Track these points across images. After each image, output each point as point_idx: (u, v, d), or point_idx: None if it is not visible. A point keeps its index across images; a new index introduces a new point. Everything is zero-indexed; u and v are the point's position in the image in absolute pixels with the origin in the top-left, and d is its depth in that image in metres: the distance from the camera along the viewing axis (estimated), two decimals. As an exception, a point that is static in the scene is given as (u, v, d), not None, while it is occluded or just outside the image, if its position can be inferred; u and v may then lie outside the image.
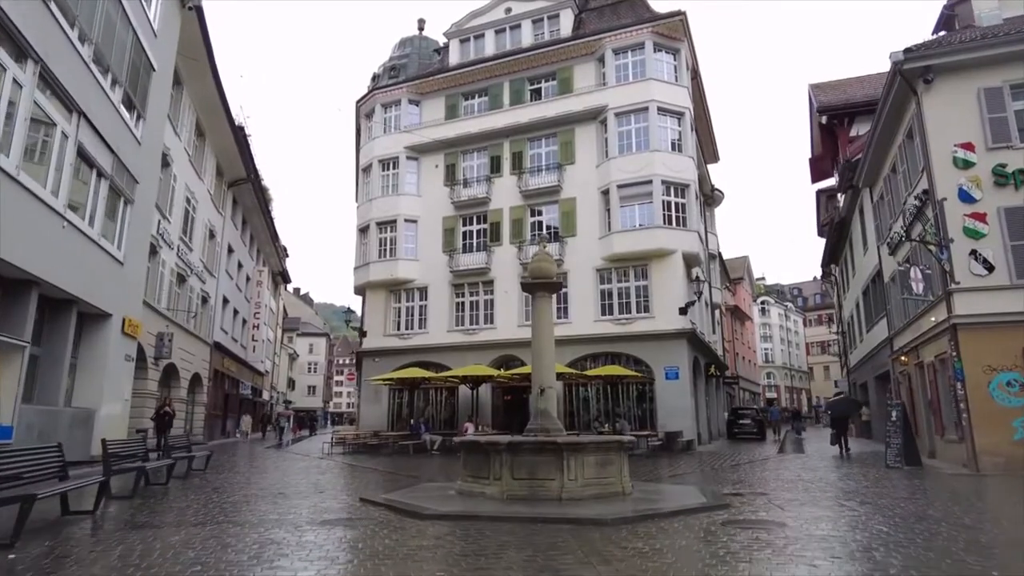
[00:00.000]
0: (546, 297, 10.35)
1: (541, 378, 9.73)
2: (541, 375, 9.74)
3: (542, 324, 10.10)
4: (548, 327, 10.12)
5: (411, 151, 28.69)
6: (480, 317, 26.45)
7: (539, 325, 10.13)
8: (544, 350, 9.88)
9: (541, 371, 9.77)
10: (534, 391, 9.84)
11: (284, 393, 70.43)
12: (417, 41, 32.08)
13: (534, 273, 10.37)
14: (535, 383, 9.82)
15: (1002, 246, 13.18)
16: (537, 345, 9.98)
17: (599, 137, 25.80)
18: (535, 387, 9.80)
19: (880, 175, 19.28)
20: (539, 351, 9.90)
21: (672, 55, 25.83)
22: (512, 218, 26.49)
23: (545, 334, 10.02)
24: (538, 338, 10.01)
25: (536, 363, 9.93)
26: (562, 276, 25.00)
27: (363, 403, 28.08)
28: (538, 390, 9.64)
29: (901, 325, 18.55)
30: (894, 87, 14.84)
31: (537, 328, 10.15)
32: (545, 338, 9.97)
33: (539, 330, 10.09)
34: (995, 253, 13.17)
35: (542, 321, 10.12)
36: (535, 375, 9.89)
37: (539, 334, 10.05)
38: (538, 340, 9.99)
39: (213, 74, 22.46)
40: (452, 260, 26.87)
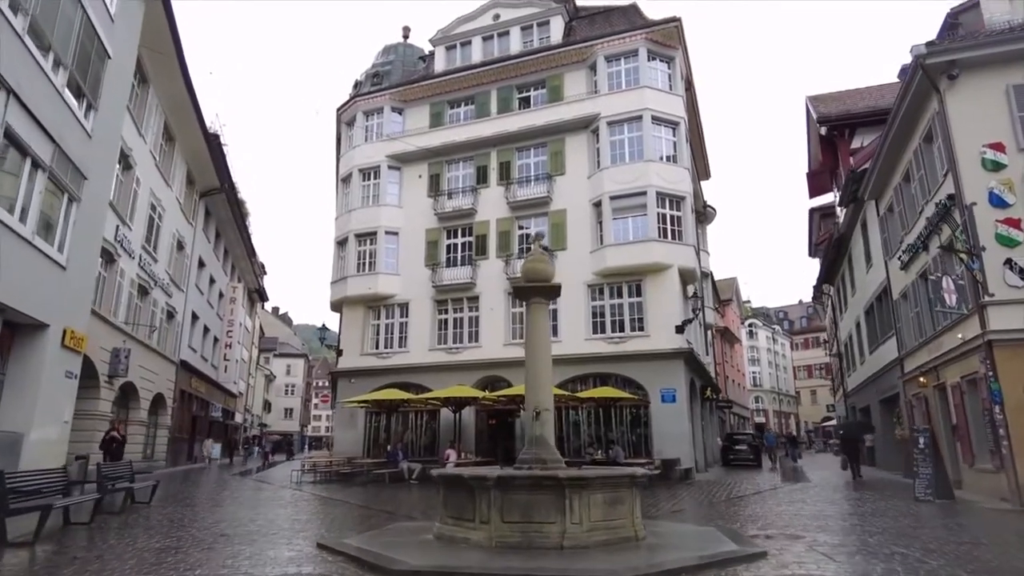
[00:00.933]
0: (542, 305, 8.94)
1: (536, 399, 8.25)
2: (536, 396, 8.26)
3: (537, 337, 8.66)
4: (544, 340, 8.69)
5: (393, 160, 27.34)
6: (464, 335, 24.92)
7: (534, 338, 8.69)
8: (539, 367, 8.43)
9: (536, 391, 8.30)
10: (527, 414, 8.36)
11: (259, 416, 67.93)
12: (401, 48, 30.95)
13: (528, 275, 8.97)
14: (529, 405, 8.34)
15: (1039, 254, 12.03)
16: (531, 361, 8.52)
17: (591, 147, 24.64)
18: (528, 409, 8.33)
19: (889, 185, 18.23)
20: (534, 368, 8.44)
21: (666, 63, 24.87)
22: (499, 230, 25.13)
23: (541, 348, 8.58)
24: (532, 353, 8.56)
25: (530, 382, 8.47)
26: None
27: (337, 427, 26.28)
28: (532, 413, 8.15)
29: (915, 344, 17.34)
30: (913, 84, 13.79)
31: (531, 341, 8.70)
32: (541, 353, 8.53)
33: (534, 344, 8.65)
34: (1031, 262, 12.02)
35: (537, 333, 8.68)
36: (529, 396, 8.42)
37: (534, 348, 8.60)
38: (532, 355, 8.54)
39: (182, 72, 21.01)
40: (435, 274, 25.40)
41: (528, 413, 8.28)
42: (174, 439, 27.55)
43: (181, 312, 27.40)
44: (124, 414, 22.00)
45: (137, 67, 19.69)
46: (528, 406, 8.32)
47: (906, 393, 18.39)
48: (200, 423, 33.44)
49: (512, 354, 23.46)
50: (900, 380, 18.87)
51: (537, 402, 8.15)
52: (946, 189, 13.58)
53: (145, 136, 20.84)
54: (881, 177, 18.46)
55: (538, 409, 8.07)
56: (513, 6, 28.02)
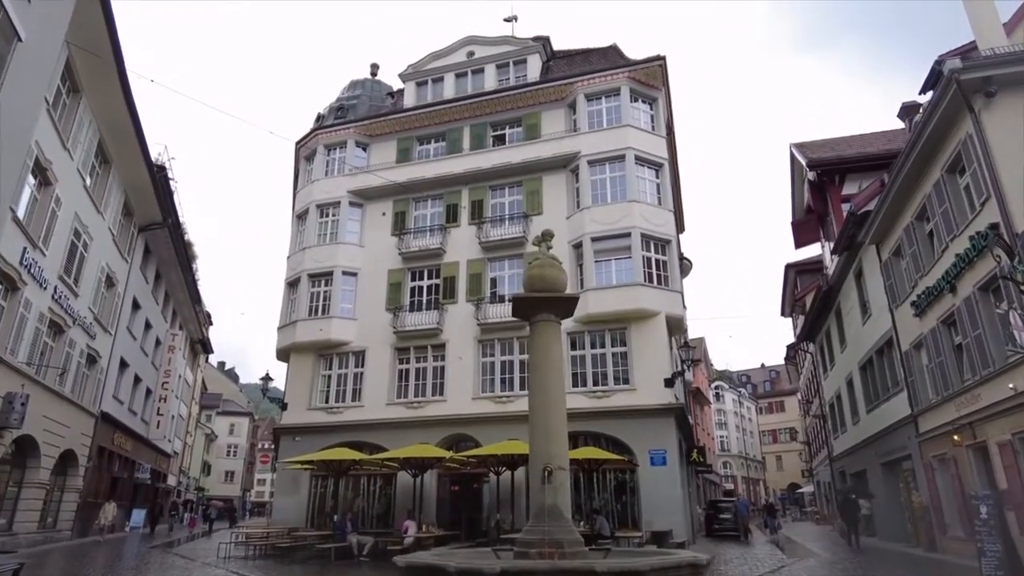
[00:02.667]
0: (552, 324, 6.80)
1: (545, 453, 5.97)
2: (546, 448, 5.99)
3: (547, 368, 6.47)
4: (555, 372, 6.51)
5: (355, 196, 25.24)
6: (427, 388, 22.33)
7: (542, 369, 6.49)
8: (550, 409, 6.21)
9: (546, 441, 6.03)
10: (534, 474, 6.01)
11: (197, 479, 62.33)
12: (369, 84, 29.41)
13: (534, 283, 6.83)
14: (535, 462, 6.04)
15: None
16: (539, 401, 6.28)
17: (570, 186, 23.07)
18: (535, 467, 6.00)
19: (897, 226, 16.93)
20: (543, 410, 6.20)
21: (649, 105, 23.80)
22: (469, 272, 23.02)
23: (551, 383, 6.38)
24: (541, 390, 6.33)
25: (537, 429, 6.20)
26: (527, 340, 21.46)
27: (278, 492, 22.99)
28: (541, 473, 5.82)
29: (935, 399, 15.61)
30: (942, 105, 12.56)
31: (539, 374, 6.49)
32: (551, 390, 6.32)
33: (542, 377, 6.43)
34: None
35: (547, 362, 6.50)
36: (535, 448, 6.12)
37: (542, 384, 6.38)
38: (541, 393, 6.31)
39: (122, 84, 18.72)
40: (397, 319, 22.95)
41: (535, 472, 5.94)
42: (86, 504, 23.66)
43: (106, 357, 24.09)
44: (18, 474, 18.49)
45: (67, 72, 17.46)
46: (534, 463, 6.01)
47: (923, 455, 16.54)
48: (122, 486, 29.35)
49: (482, 409, 20.99)
50: (914, 440, 17.05)
51: (547, 457, 5.86)
52: (985, 219, 12.14)
53: (72, 151, 18.29)
54: (887, 219, 17.18)
55: (549, 467, 5.78)
56: (488, 44, 26.92)
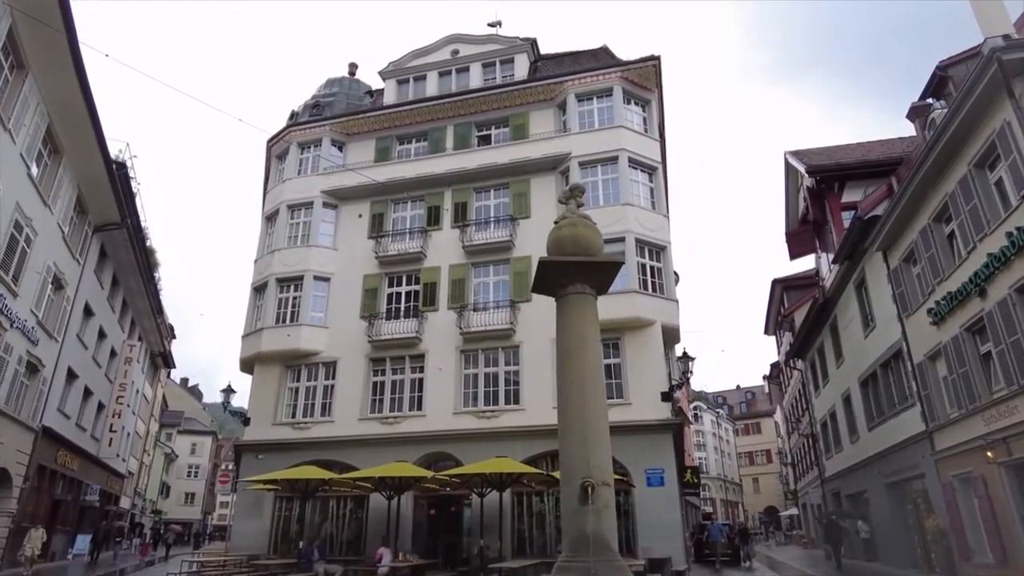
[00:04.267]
0: (587, 298, 5.39)
1: (583, 463, 4.56)
2: (585, 457, 4.58)
3: (583, 352, 5.10)
4: (594, 358, 5.11)
5: (329, 196, 23.68)
6: (404, 401, 20.67)
7: (576, 354, 5.10)
8: (588, 405, 4.83)
9: (584, 447, 4.64)
10: (568, 489, 4.54)
11: (154, 501, 58.99)
12: (347, 82, 28.00)
13: (565, 246, 5.49)
14: (569, 474, 4.60)
15: None
16: (575, 394, 4.88)
17: (559, 189, 21.71)
18: (567, 482, 4.55)
19: (911, 230, 15.97)
20: (579, 407, 4.81)
21: (642, 107, 22.82)
22: (452, 278, 21.53)
23: (589, 372, 5.00)
24: (576, 381, 4.93)
25: (571, 434, 4.80)
26: (513, 350, 20.05)
27: (238, 515, 20.93)
28: (580, 490, 4.36)
29: (958, 413, 14.52)
30: (978, 89, 11.58)
31: (573, 361, 5.09)
32: (590, 381, 4.96)
33: (576, 364, 5.03)
34: None
35: (584, 346, 5.14)
36: (570, 458, 4.70)
37: (577, 373, 4.97)
38: (576, 384, 4.91)
39: (74, 59, 16.94)
40: (372, 327, 21.31)
41: (568, 489, 4.47)
42: (20, 530, 21.30)
43: (51, 366, 21.95)
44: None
45: (10, 44, 15.75)
46: (568, 477, 4.57)
47: (941, 474, 15.40)
48: (66, 509, 26.89)
49: (463, 425, 19.40)
50: (929, 459, 15.92)
51: (587, 469, 4.44)
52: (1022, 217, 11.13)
53: (13, 132, 16.47)
54: (899, 223, 16.23)
55: (589, 482, 4.36)
56: (474, 42, 25.79)
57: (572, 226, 5.59)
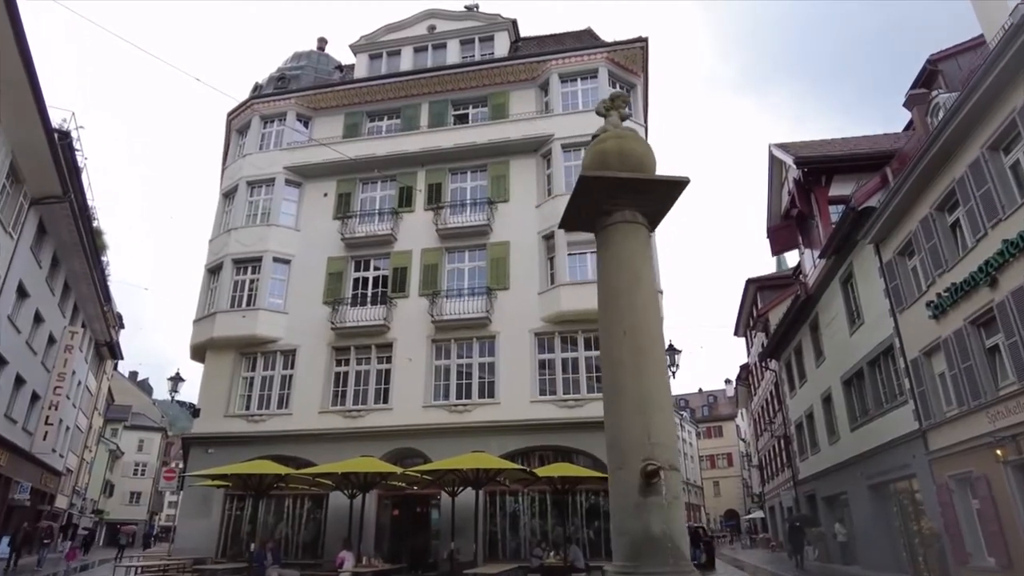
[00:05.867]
0: (640, 229, 4.29)
1: (644, 438, 3.35)
2: (644, 428, 3.39)
3: (639, 296, 3.98)
4: (652, 303, 3.89)
5: (293, 173, 22.09)
6: (369, 394, 19.25)
7: (629, 298, 4.05)
8: (646, 361, 3.68)
9: (643, 417, 3.43)
10: (625, 475, 3.34)
11: (95, 500, 55.83)
12: (315, 56, 26.39)
13: (610, 161, 4.32)
14: (621, 454, 3.44)
15: None
16: (629, 349, 3.70)
17: (540, 172, 20.74)
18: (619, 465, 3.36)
19: (910, 220, 15.31)
20: (633, 364, 3.72)
21: (627, 91, 21.77)
22: (424, 263, 20.20)
23: (646, 320, 3.82)
24: (630, 330, 3.85)
25: (622, 397, 3.66)
26: (489, 340, 18.85)
27: (183, 514, 19.18)
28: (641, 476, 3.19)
29: (957, 411, 13.87)
30: (999, 65, 10.83)
31: (625, 306, 4.01)
32: (645, 329, 3.78)
33: (630, 312, 3.90)
34: None
35: (639, 288, 4.00)
36: (623, 431, 3.54)
37: (631, 320, 3.91)
38: (630, 336, 3.83)
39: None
40: (336, 314, 19.83)
41: (623, 475, 3.29)
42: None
43: (-27, 350, 19.85)
44: None
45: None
46: (619, 458, 3.39)
47: (935, 475, 14.76)
48: (-9, 509, 24.61)
49: (433, 420, 18.11)
50: (922, 458, 15.27)
51: (648, 447, 3.24)
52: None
53: (-70, 81, 14.55)
54: (897, 212, 15.55)
55: (653, 464, 3.18)
56: (452, 18, 24.52)
57: (619, 138, 4.43)
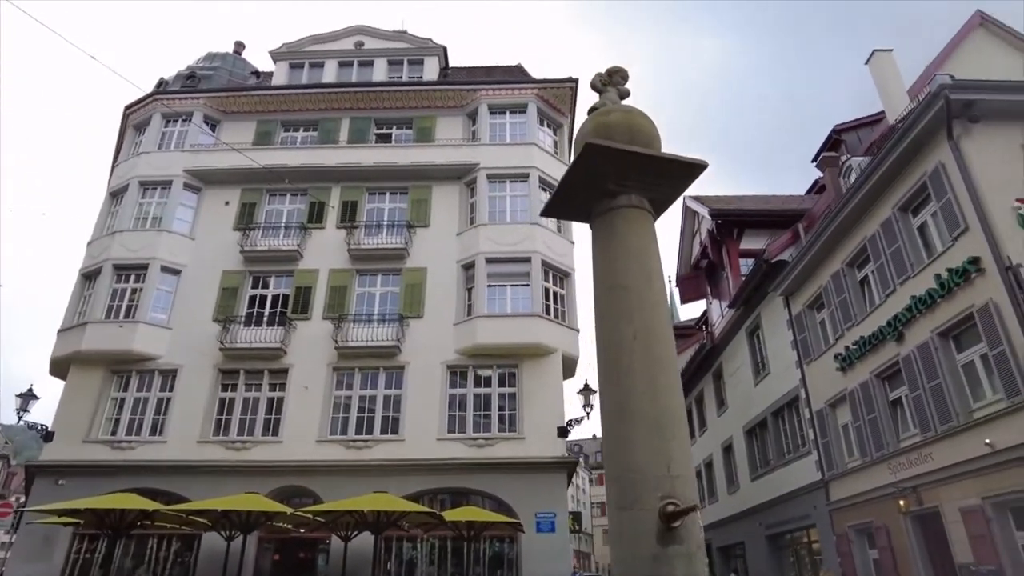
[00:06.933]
0: (647, 217, 3.58)
1: (665, 469, 2.61)
2: (665, 456, 2.68)
3: (651, 295, 3.24)
4: (664, 304, 3.20)
5: (193, 177, 20.27)
6: (257, 424, 17.43)
7: (639, 297, 3.28)
8: (661, 377, 2.90)
9: (663, 443, 2.71)
10: (626, 517, 2.58)
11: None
12: (231, 59, 24.77)
13: (616, 134, 3.57)
14: (634, 488, 2.66)
15: (1100, 338, 9.45)
16: (642, 358, 2.97)
17: (463, 200, 20.15)
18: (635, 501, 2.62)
19: (820, 274, 15.91)
20: (648, 376, 2.92)
21: (553, 130, 21.92)
22: (331, 284, 18.86)
23: (660, 324, 3.10)
24: (643, 334, 3.07)
25: (637, 420, 2.89)
26: (397, 371, 17.72)
27: (15, 557, 16.22)
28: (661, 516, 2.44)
29: (860, 462, 14.22)
30: (919, 125, 11.45)
31: (635, 306, 3.24)
32: (661, 338, 3.09)
33: (640, 312, 3.18)
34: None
35: (652, 286, 3.27)
36: (636, 459, 2.77)
37: (643, 322, 3.17)
38: (642, 341, 3.05)
39: None
40: (227, 333, 18.00)
41: (634, 514, 2.51)
42: None
43: None
44: None
45: None
46: (632, 493, 2.59)
47: (836, 525, 15.01)
48: None
49: (328, 456, 16.63)
50: (823, 509, 15.54)
51: (668, 481, 2.52)
52: (957, 255, 10.99)
53: None
54: (809, 266, 16.16)
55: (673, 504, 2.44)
56: (382, 37, 23.87)
57: (626, 112, 3.76)
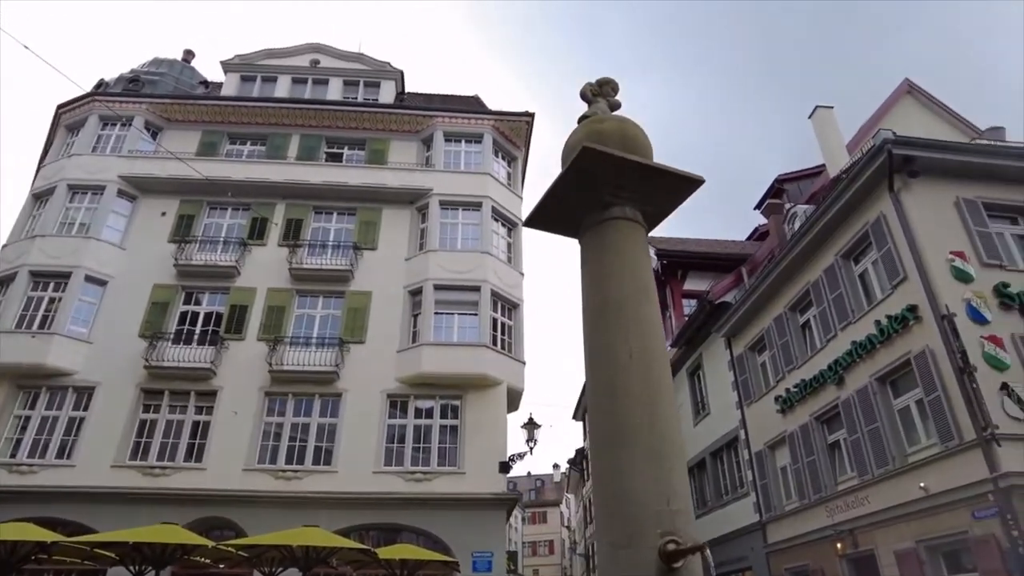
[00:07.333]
0: (640, 231, 3.39)
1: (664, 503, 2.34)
2: (665, 488, 2.42)
3: (647, 311, 3.07)
4: (658, 322, 2.98)
5: (128, 184, 19.24)
6: (180, 449, 16.26)
7: (635, 312, 3.05)
8: (661, 400, 2.71)
9: (662, 473, 2.47)
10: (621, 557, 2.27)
11: None
12: (179, 66, 23.91)
13: (609, 141, 3.34)
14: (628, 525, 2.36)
15: (1023, 382, 9.87)
16: (640, 379, 2.70)
17: (414, 225, 19.80)
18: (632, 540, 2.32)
19: (763, 317, 16.26)
20: (646, 399, 2.71)
21: (508, 162, 21.99)
22: (269, 304, 18.03)
23: (658, 345, 2.88)
24: (639, 354, 2.79)
25: (632, 447, 2.60)
26: (334, 399, 17.00)
27: None
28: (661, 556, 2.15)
29: (798, 504, 14.35)
30: (863, 177, 11.94)
31: (631, 322, 2.99)
32: (659, 359, 2.83)
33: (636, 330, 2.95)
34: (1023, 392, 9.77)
35: (648, 301, 3.09)
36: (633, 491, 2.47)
37: (640, 342, 2.91)
38: (639, 361, 2.78)
39: None
40: (154, 350, 16.86)
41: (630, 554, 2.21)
42: None
43: None
44: None
45: None
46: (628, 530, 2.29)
47: (772, 567, 15.03)
48: None
49: (256, 485, 15.65)
50: (760, 551, 15.57)
51: (669, 516, 2.26)
52: (895, 303, 11.39)
53: None
54: (752, 309, 16.51)
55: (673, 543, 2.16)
56: (338, 56, 23.60)
57: (620, 121, 3.56)
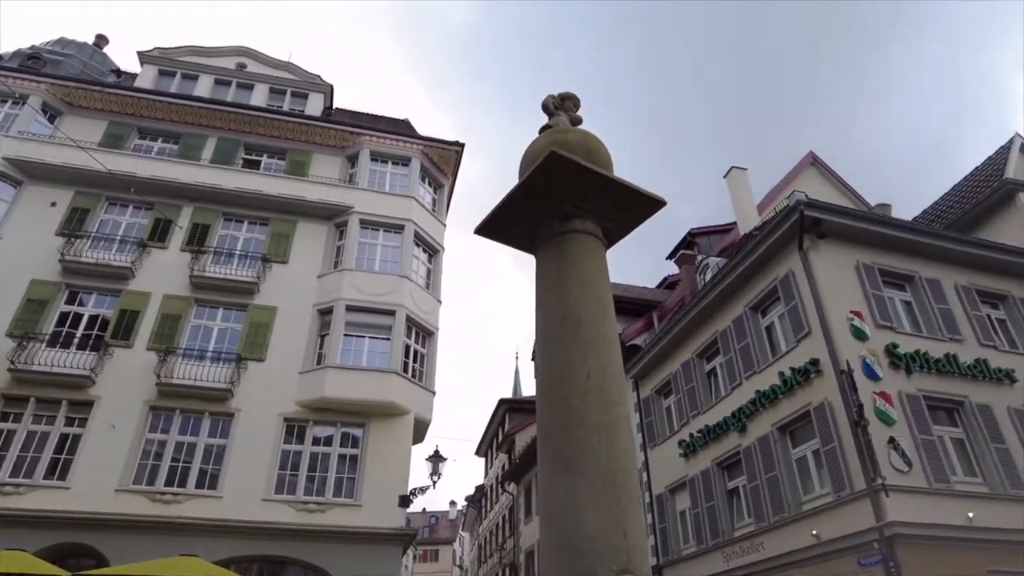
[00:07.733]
0: (600, 245, 3.28)
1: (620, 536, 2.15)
2: (620, 521, 2.22)
3: (605, 329, 2.87)
4: (616, 341, 2.84)
5: (14, 168, 17.49)
6: (40, 464, 14.52)
7: (594, 331, 2.93)
8: (618, 428, 2.49)
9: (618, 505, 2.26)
10: None
11: None
12: (89, 50, 22.27)
13: (572, 149, 3.20)
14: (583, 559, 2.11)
15: (910, 437, 10.54)
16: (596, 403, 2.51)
17: (330, 242, 19.08)
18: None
19: (672, 362, 16.70)
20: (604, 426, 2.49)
21: (434, 189, 21.82)
22: (163, 311, 16.69)
23: (615, 365, 2.71)
24: (597, 373, 2.61)
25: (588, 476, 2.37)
26: (226, 418, 15.87)
27: None
28: None
29: (695, 548, 14.55)
30: (776, 235, 12.61)
31: (590, 340, 2.84)
32: (617, 380, 2.64)
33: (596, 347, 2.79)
34: (907, 446, 10.43)
35: (606, 319, 2.97)
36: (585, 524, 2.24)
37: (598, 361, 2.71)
38: (597, 382, 2.56)
39: None
40: (23, 352, 15.12)
41: None
42: None
43: None
44: None
45: None
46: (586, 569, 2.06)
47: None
48: None
49: (129, 508, 14.23)
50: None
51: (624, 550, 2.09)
52: (795, 358, 12.00)
53: None
54: (661, 353, 16.95)
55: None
56: (267, 63, 22.80)
57: (584, 134, 3.45)
